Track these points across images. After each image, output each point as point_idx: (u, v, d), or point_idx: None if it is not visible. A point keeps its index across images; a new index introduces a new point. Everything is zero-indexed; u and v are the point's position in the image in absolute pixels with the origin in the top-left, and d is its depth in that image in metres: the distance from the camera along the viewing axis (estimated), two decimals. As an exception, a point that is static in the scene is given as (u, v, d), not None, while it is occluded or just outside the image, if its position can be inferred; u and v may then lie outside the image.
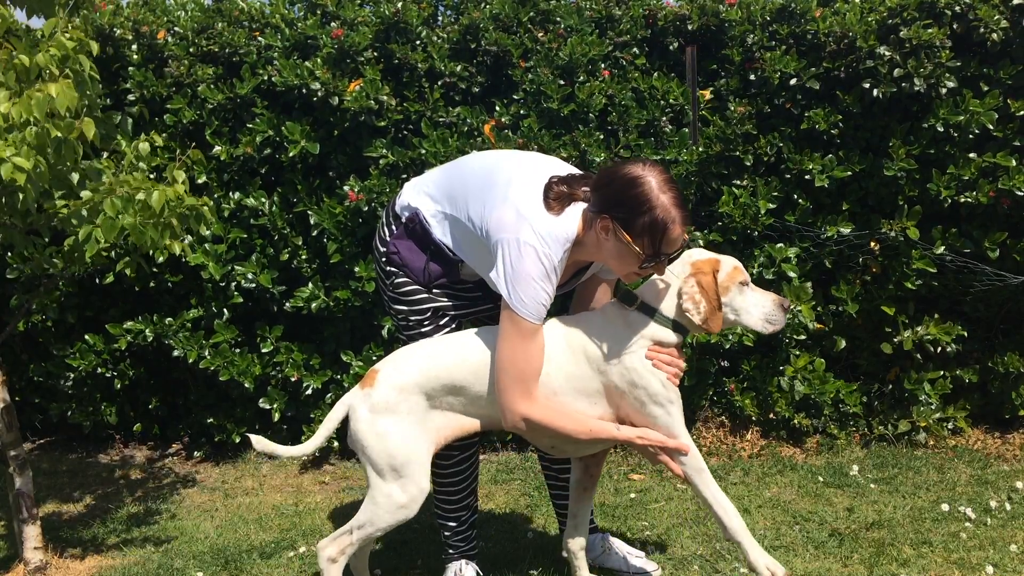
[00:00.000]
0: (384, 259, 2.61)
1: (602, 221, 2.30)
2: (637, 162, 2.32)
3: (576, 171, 2.46)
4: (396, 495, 2.37)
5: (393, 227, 2.60)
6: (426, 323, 2.56)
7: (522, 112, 3.96)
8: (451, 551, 2.77)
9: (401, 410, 2.37)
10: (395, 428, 2.36)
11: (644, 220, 2.25)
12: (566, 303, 2.77)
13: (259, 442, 2.47)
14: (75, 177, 2.76)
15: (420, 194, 2.58)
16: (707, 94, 4.11)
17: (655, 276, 2.42)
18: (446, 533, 2.76)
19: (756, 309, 2.43)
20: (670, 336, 2.42)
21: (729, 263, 2.45)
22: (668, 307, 2.42)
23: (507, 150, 2.82)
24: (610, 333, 2.42)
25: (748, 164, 3.95)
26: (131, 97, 4.18)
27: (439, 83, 4.08)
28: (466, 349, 2.43)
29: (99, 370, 4.26)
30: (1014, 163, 3.72)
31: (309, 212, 4.05)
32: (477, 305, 2.60)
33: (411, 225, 2.55)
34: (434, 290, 2.56)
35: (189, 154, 3.08)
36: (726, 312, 2.43)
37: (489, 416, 2.45)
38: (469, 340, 2.46)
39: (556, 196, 2.35)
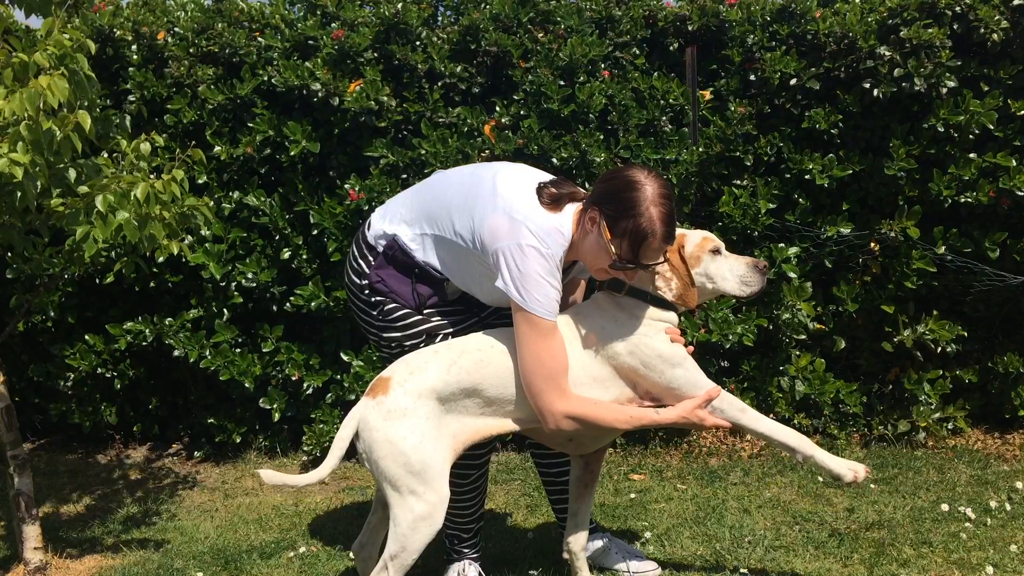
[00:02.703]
0: (367, 290, 2.59)
1: (591, 212, 2.34)
2: (643, 169, 2.34)
3: (551, 176, 2.48)
4: (416, 506, 2.25)
5: (370, 258, 2.59)
6: (421, 347, 2.53)
7: (522, 112, 3.96)
8: (455, 555, 2.77)
9: (418, 414, 2.29)
10: (411, 433, 2.27)
11: (628, 224, 2.28)
12: None
13: (269, 476, 2.36)
14: (72, 174, 2.75)
15: (393, 221, 2.57)
16: (707, 94, 4.11)
17: None
18: (453, 540, 2.76)
19: (730, 274, 2.46)
20: (660, 314, 2.45)
21: (696, 235, 2.50)
22: (648, 286, 2.46)
23: (475, 164, 2.82)
24: (609, 318, 2.45)
25: (748, 164, 3.95)
26: (131, 98, 4.18)
27: (439, 84, 4.08)
28: (482, 351, 2.40)
29: (99, 370, 4.26)
30: (1014, 163, 3.72)
31: (309, 212, 4.05)
32: (466, 321, 2.60)
33: (390, 252, 2.54)
34: (426, 311, 2.55)
35: (190, 152, 3.07)
36: (702, 281, 2.46)
37: (509, 418, 2.42)
38: (484, 341, 2.44)
39: (550, 197, 2.38)
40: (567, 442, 2.51)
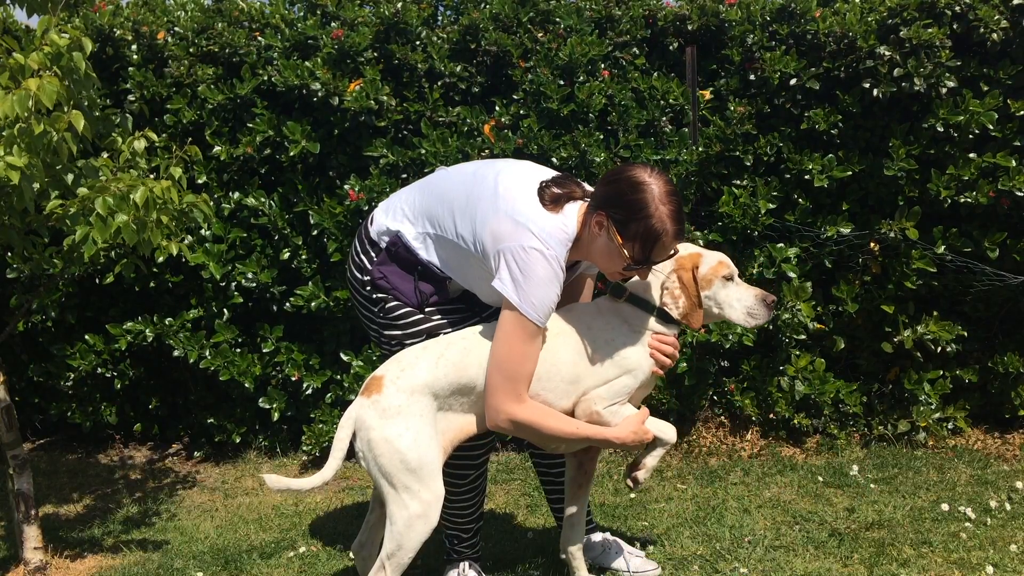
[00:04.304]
0: (368, 287, 2.58)
1: (597, 217, 2.32)
2: (645, 167, 2.33)
3: (555, 172, 2.47)
4: (411, 504, 2.27)
5: (372, 254, 2.58)
6: None
7: (522, 112, 3.96)
8: (455, 555, 2.77)
9: (413, 412, 2.30)
10: (407, 431, 2.28)
11: (638, 226, 2.26)
12: None
13: (274, 480, 2.35)
14: (70, 177, 2.75)
15: (397, 218, 2.56)
16: (707, 94, 4.11)
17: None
18: (453, 540, 2.76)
19: (738, 303, 2.47)
20: (661, 327, 2.46)
21: (713, 258, 2.49)
22: (656, 298, 2.47)
23: (477, 161, 2.81)
24: (602, 324, 2.45)
25: (748, 164, 3.95)
26: (131, 97, 4.18)
27: (439, 83, 4.08)
28: (467, 339, 2.42)
29: (99, 370, 4.26)
30: (1014, 163, 3.72)
31: (309, 212, 4.05)
32: (466, 321, 2.59)
33: (393, 249, 2.53)
34: (427, 310, 2.55)
35: (186, 150, 3.07)
36: (709, 305, 2.47)
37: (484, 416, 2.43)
38: (469, 331, 2.45)
39: (552, 198, 2.36)
40: (540, 443, 2.52)
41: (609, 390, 2.42)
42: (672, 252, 2.37)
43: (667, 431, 2.50)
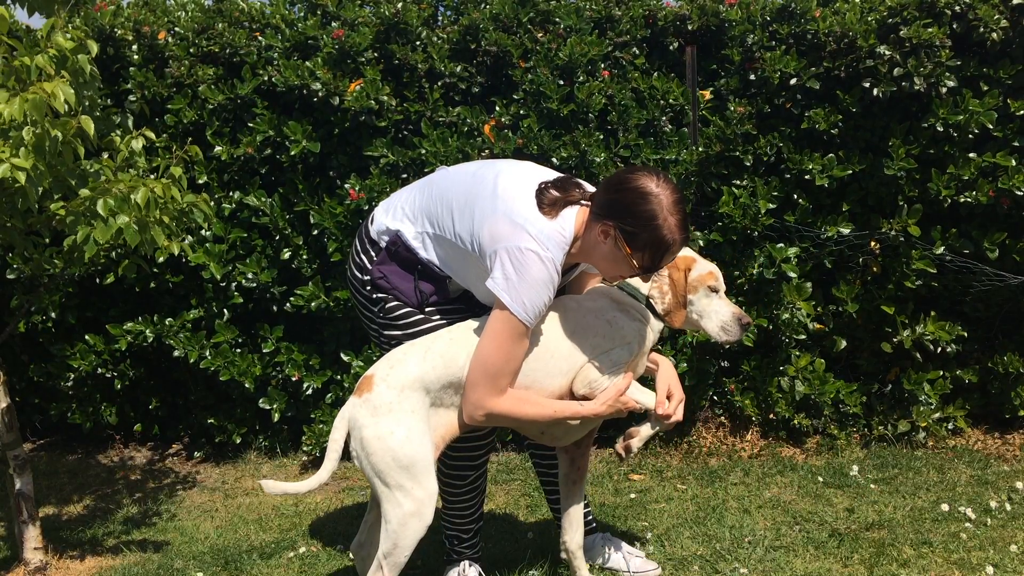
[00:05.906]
0: (368, 286, 2.58)
1: (603, 226, 2.29)
2: (651, 175, 2.29)
3: (557, 174, 2.46)
4: (405, 503, 2.27)
5: (372, 253, 2.58)
6: None
7: (522, 112, 3.96)
8: (455, 555, 2.77)
9: (404, 408, 2.31)
10: (399, 427, 2.29)
11: (648, 237, 2.25)
12: None
13: (271, 486, 2.36)
14: (74, 179, 2.76)
15: (397, 217, 2.55)
16: (707, 94, 4.11)
17: None
18: (453, 540, 2.76)
19: (716, 316, 2.50)
20: (649, 315, 2.51)
21: (704, 266, 2.52)
22: (645, 289, 2.52)
23: (478, 161, 2.80)
24: (593, 305, 2.50)
25: (748, 164, 3.95)
26: (132, 97, 4.18)
27: (439, 83, 4.08)
28: (451, 332, 2.43)
29: (99, 370, 4.26)
30: (1014, 163, 3.72)
31: (310, 212, 4.05)
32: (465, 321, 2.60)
33: (394, 248, 2.53)
34: (427, 311, 2.54)
35: (187, 150, 3.07)
36: (690, 311, 2.51)
37: None
38: (457, 326, 2.46)
39: (550, 201, 2.34)
40: (540, 435, 2.53)
41: (607, 359, 2.43)
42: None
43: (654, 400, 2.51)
